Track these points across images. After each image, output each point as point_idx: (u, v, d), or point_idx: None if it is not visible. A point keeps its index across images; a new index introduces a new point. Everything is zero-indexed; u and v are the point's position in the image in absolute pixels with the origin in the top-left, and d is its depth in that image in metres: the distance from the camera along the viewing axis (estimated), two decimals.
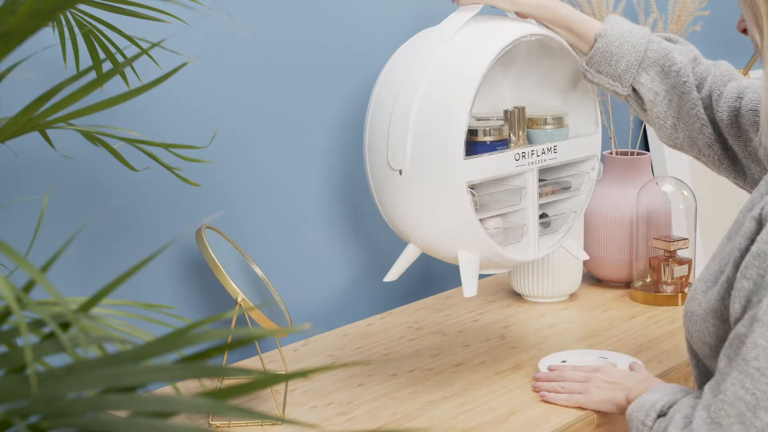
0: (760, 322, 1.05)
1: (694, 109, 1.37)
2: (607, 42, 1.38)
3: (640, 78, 1.38)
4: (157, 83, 0.83)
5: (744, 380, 1.07)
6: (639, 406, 1.21)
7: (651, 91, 1.38)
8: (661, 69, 1.38)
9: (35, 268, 0.58)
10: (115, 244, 1.42)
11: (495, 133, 1.41)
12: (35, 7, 0.70)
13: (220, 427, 1.29)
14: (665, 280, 1.79)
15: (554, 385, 1.37)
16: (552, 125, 1.49)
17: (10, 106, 1.21)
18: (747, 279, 1.08)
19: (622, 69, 1.38)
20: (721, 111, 1.36)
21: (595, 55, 1.39)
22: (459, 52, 1.35)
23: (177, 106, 1.47)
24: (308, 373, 0.57)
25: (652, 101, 1.38)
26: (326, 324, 1.70)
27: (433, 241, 1.38)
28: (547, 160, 1.45)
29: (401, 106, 1.34)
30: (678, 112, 1.38)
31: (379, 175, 1.38)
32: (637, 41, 1.38)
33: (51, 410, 0.57)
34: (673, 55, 1.38)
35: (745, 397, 1.06)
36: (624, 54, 1.37)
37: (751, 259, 1.07)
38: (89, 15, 1.16)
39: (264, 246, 1.60)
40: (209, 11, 1.41)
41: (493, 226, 1.42)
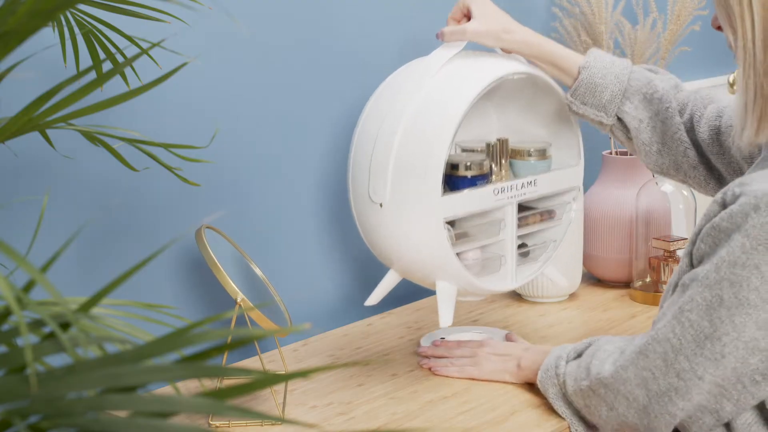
0: (699, 282, 1.15)
1: (678, 133, 1.42)
2: (590, 73, 1.43)
3: (624, 107, 1.43)
4: (157, 83, 0.83)
5: (675, 326, 1.17)
6: (546, 367, 1.33)
7: (635, 118, 1.43)
8: (644, 97, 1.43)
9: (35, 268, 0.58)
10: (115, 244, 1.42)
11: (476, 168, 1.44)
12: (35, 7, 0.70)
13: (219, 427, 1.29)
14: (665, 280, 1.79)
15: (444, 361, 1.47)
16: (535, 157, 1.52)
17: (10, 106, 1.21)
18: (704, 243, 1.16)
19: (606, 99, 1.43)
20: (702, 131, 1.41)
21: (580, 86, 1.44)
22: (443, 89, 1.38)
23: (177, 106, 1.47)
24: (308, 373, 0.57)
25: (637, 128, 1.43)
26: (326, 324, 1.70)
27: (413, 270, 1.43)
28: (527, 194, 1.48)
29: (384, 139, 1.37)
30: (662, 138, 1.43)
31: (361, 205, 1.41)
32: (619, 72, 1.44)
33: (51, 410, 0.57)
34: (655, 83, 1.43)
35: (672, 339, 1.17)
36: (608, 84, 1.43)
37: (709, 229, 1.15)
38: (89, 15, 1.16)
39: (264, 246, 1.60)
40: (209, 11, 1.41)
41: (471, 257, 1.46)
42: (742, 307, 1.12)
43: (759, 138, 1.20)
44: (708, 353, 1.15)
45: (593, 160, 2.10)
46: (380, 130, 1.38)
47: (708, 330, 1.14)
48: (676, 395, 1.18)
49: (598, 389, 1.24)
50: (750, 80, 1.19)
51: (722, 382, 1.16)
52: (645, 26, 1.91)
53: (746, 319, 1.12)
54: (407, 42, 1.79)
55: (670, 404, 1.18)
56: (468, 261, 1.45)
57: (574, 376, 1.28)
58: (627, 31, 1.92)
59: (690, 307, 1.16)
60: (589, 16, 1.90)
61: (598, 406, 1.24)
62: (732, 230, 1.13)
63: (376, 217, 1.38)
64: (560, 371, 1.30)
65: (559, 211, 1.56)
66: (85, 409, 0.57)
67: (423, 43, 1.78)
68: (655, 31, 1.92)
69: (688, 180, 1.46)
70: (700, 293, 1.15)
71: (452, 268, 1.38)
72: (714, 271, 1.14)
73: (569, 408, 1.30)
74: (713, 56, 2.47)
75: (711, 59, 2.46)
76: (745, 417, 1.18)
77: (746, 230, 1.11)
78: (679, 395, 1.17)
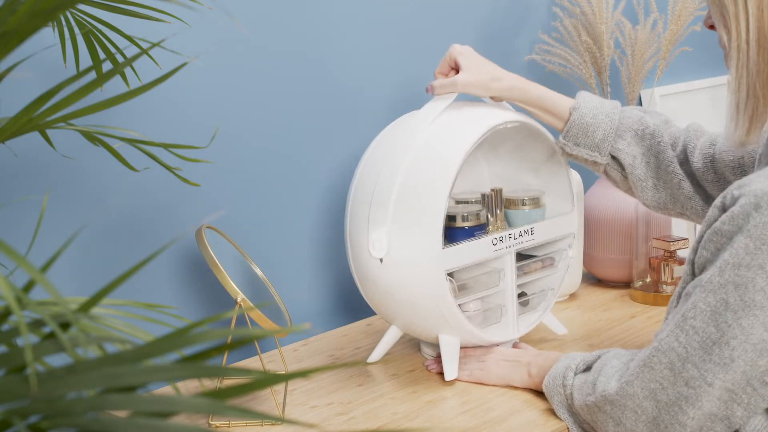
0: (703, 287, 1.13)
1: (671, 165, 1.44)
2: (581, 114, 1.45)
3: (617, 144, 1.45)
4: (157, 83, 0.83)
5: (679, 334, 1.15)
6: (553, 375, 1.32)
7: (629, 155, 1.45)
8: (635, 133, 1.45)
9: (35, 268, 0.58)
10: (115, 244, 1.42)
11: (473, 219, 1.46)
12: (35, 7, 0.70)
13: (220, 427, 1.29)
14: (665, 280, 1.79)
15: None
16: (529, 206, 1.54)
17: (10, 106, 1.21)
18: (706, 250, 1.15)
19: (599, 138, 1.45)
20: (696, 161, 1.42)
21: (572, 128, 1.46)
22: (437, 141, 1.40)
23: (177, 106, 1.47)
24: (308, 373, 0.57)
25: (632, 164, 1.45)
26: (326, 324, 1.70)
27: (415, 324, 1.44)
28: (525, 242, 1.50)
29: (380, 197, 1.38)
30: (656, 172, 1.45)
31: (359, 260, 1.42)
32: (610, 111, 1.45)
33: (51, 410, 0.57)
34: (645, 120, 1.45)
35: (677, 348, 1.15)
36: (599, 124, 1.45)
37: (711, 235, 1.14)
38: (89, 15, 1.16)
39: (264, 246, 1.60)
40: (209, 11, 1.41)
41: (473, 308, 1.48)
42: (748, 309, 1.11)
43: (749, 138, 1.21)
44: (716, 359, 1.13)
45: None
46: (376, 187, 1.39)
47: (715, 335, 1.13)
48: (686, 404, 1.16)
49: (604, 406, 1.22)
50: (743, 80, 1.19)
51: (732, 387, 1.14)
52: (646, 26, 1.91)
53: (753, 321, 1.11)
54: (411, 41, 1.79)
55: (681, 414, 1.16)
56: (469, 312, 1.47)
57: (580, 390, 1.27)
58: (628, 31, 1.92)
59: (694, 314, 1.14)
60: (590, 16, 1.90)
61: (605, 421, 1.23)
62: (734, 232, 1.11)
63: (376, 272, 1.40)
64: (567, 383, 1.29)
65: (556, 258, 1.58)
66: (85, 409, 0.57)
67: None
68: (655, 31, 1.92)
69: (685, 212, 1.46)
70: (704, 299, 1.13)
71: (455, 321, 1.40)
72: (718, 275, 1.12)
73: (572, 417, 1.29)
74: (714, 56, 2.47)
75: (711, 59, 2.46)
76: (754, 423, 1.16)
77: (748, 230, 1.10)
78: (689, 404, 1.15)
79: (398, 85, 1.78)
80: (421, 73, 1.81)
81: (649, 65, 1.95)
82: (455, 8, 1.86)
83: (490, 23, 1.92)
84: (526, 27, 1.99)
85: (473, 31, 1.89)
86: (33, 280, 0.61)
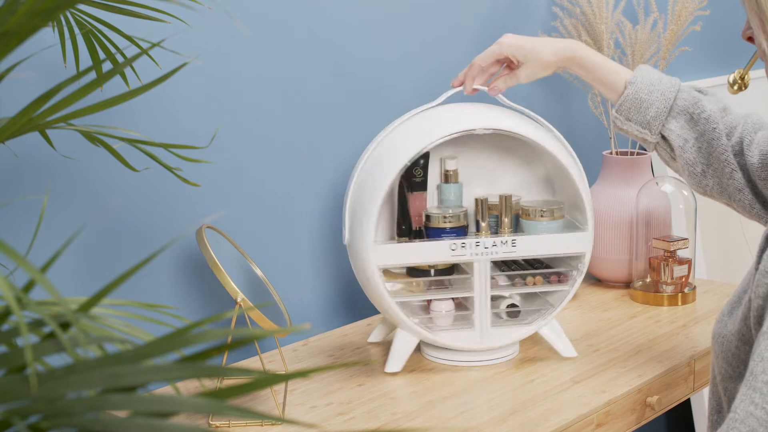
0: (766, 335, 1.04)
1: (724, 154, 1.36)
2: (636, 89, 1.39)
3: (669, 125, 1.38)
4: (157, 83, 0.83)
5: (753, 395, 1.04)
6: None
7: (680, 137, 1.38)
8: (690, 117, 1.38)
9: (35, 268, 0.58)
10: (115, 244, 1.42)
11: (452, 221, 1.48)
12: (35, 7, 0.70)
13: (220, 427, 1.29)
14: (665, 280, 1.79)
15: None
16: (546, 218, 1.51)
17: (10, 106, 1.21)
18: (758, 297, 1.08)
19: (651, 116, 1.38)
20: (752, 155, 1.34)
21: (625, 102, 1.39)
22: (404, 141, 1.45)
23: (177, 106, 1.47)
24: (308, 373, 0.57)
25: (682, 147, 1.38)
26: (326, 324, 1.70)
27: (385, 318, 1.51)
28: (501, 253, 1.47)
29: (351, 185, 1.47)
30: (708, 159, 1.38)
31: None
32: (666, 89, 1.39)
33: (51, 410, 0.57)
34: (702, 104, 1.38)
35: (755, 412, 1.04)
36: (653, 101, 1.38)
37: (760, 277, 1.08)
38: (89, 15, 1.16)
39: (264, 246, 1.60)
40: (209, 11, 1.41)
41: (444, 308, 1.50)
42: None
43: None
44: None
45: (593, 160, 2.10)
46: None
47: None
48: None
49: None
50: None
51: None
52: (646, 26, 1.91)
53: None
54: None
55: None
56: (438, 312, 1.50)
57: None
58: (628, 31, 1.92)
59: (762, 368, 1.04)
60: (590, 16, 1.90)
61: None
62: None
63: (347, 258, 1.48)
64: None
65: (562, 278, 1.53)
66: (85, 409, 0.57)
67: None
68: (655, 31, 1.92)
69: (732, 203, 1.39)
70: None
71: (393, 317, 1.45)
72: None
73: None
74: (714, 56, 2.47)
75: (711, 59, 2.46)
76: None
77: None
78: None
79: (398, 85, 1.78)
80: (419, 73, 1.81)
81: (649, 65, 1.95)
82: (455, 8, 1.86)
83: (491, 23, 1.92)
84: (526, 27, 1.99)
85: (473, 31, 1.89)
86: (33, 280, 0.61)
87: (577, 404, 1.35)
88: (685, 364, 1.52)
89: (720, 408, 1.24)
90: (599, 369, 1.48)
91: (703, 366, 1.56)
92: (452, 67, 1.77)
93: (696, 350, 1.56)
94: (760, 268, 1.08)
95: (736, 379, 1.18)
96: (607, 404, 1.37)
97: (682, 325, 1.68)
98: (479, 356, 1.49)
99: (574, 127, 2.11)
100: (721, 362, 1.21)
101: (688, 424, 2.39)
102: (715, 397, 1.25)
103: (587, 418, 1.33)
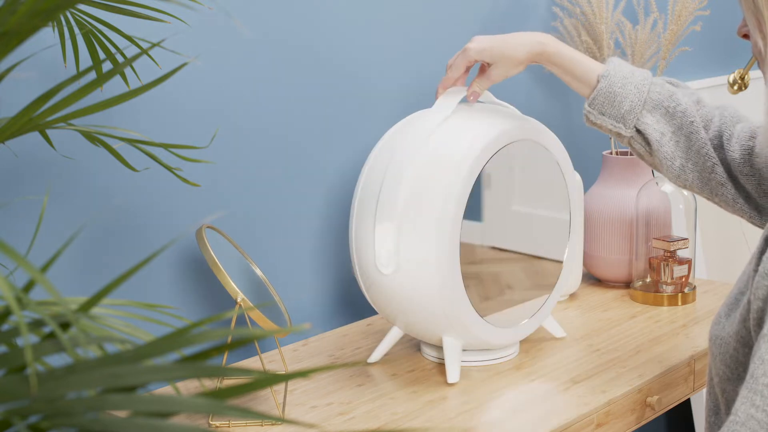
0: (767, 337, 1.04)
1: (704, 148, 1.35)
2: (610, 82, 1.37)
3: (644, 119, 1.37)
4: (157, 83, 0.83)
5: (754, 398, 1.04)
6: None
7: (657, 131, 1.36)
8: (665, 110, 1.36)
9: (35, 268, 0.58)
10: (115, 244, 1.42)
11: None
12: (35, 7, 0.70)
13: (220, 427, 1.29)
14: (665, 280, 1.79)
15: None
16: None
17: (10, 106, 1.21)
18: (758, 299, 1.07)
19: (625, 110, 1.37)
20: (733, 150, 1.34)
21: (599, 95, 1.38)
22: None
23: (177, 106, 1.47)
24: (308, 373, 0.57)
25: (659, 141, 1.36)
26: (326, 324, 1.70)
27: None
28: None
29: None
30: (686, 153, 1.36)
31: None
32: (639, 82, 1.37)
33: (51, 410, 0.57)
34: (677, 96, 1.37)
35: (756, 414, 1.03)
36: (627, 94, 1.36)
37: (760, 279, 1.07)
38: (89, 15, 1.16)
39: (264, 246, 1.60)
40: (209, 11, 1.41)
41: None
42: None
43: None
44: None
45: (593, 160, 2.10)
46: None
47: None
48: None
49: None
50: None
51: None
52: (646, 26, 1.91)
53: None
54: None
55: None
56: None
57: None
58: (628, 31, 1.92)
59: (763, 371, 1.03)
60: (590, 16, 1.90)
61: None
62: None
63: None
64: None
65: None
66: (85, 409, 0.57)
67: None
68: (655, 31, 1.92)
69: (714, 198, 1.38)
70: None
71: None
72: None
73: None
74: (714, 56, 2.47)
75: (711, 59, 2.46)
76: None
77: None
78: None
79: (398, 85, 1.78)
80: (417, 74, 1.81)
81: (649, 65, 1.95)
82: (455, 8, 1.86)
83: (490, 23, 1.92)
84: (526, 27, 1.99)
85: (473, 31, 1.89)
86: (33, 280, 0.61)
87: (577, 404, 1.35)
88: (685, 364, 1.52)
89: (717, 409, 1.23)
90: (599, 369, 1.48)
91: (703, 366, 1.56)
92: None
93: (696, 350, 1.56)
94: (760, 270, 1.07)
95: (734, 381, 1.18)
96: (607, 404, 1.37)
97: (682, 325, 1.68)
98: (479, 356, 1.49)
99: (574, 127, 2.11)
100: (718, 364, 1.20)
101: (688, 424, 2.39)
102: (713, 399, 1.24)
103: (587, 418, 1.33)
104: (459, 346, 1.43)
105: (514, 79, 1.85)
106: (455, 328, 1.41)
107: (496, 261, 1.54)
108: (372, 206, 1.40)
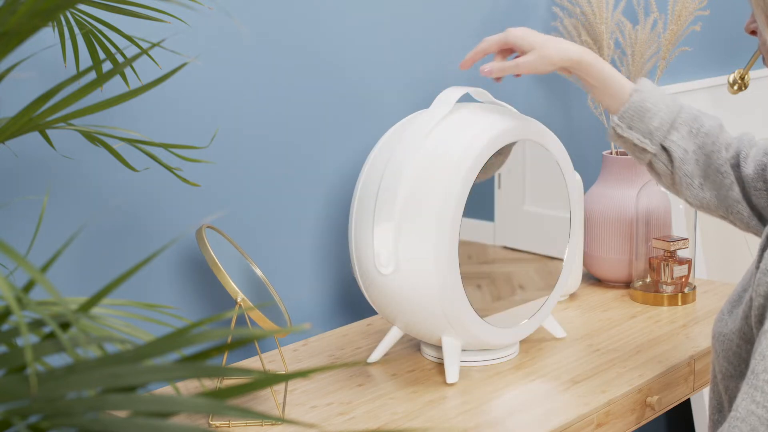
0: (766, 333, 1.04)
1: (723, 167, 1.36)
2: (643, 97, 1.37)
3: (671, 136, 1.37)
4: (157, 83, 0.83)
5: (754, 394, 1.04)
6: None
7: (681, 148, 1.37)
8: (690, 130, 1.37)
9: (35, 268, 0.58)
10: (115, 244, 1.42)
11: None
12: (35, 7, 0.70)
13: (220, 427, 1.29)
14: (665, 280, 1.79)
15: None
16: None
17: (10, 106, 1.21)
18: (759, 296, 1.07)
19: (655, 126, 1.37)
20: (747, 167, 1.35)
21: (630, 109, 1.38)
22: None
23: (177, 106, 1.47)
24: (308, 373, 0.57)
25: (682, 159, 1.37)
26: (326, 324, 1.70)
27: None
28: None
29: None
30: (705, 172, 1.37)
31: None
32: (670, 102, 1.38)
33: (51, 410, 0.57)
34: (701, 119, 1.38)
35: (756, 411, 1.03)
36: (658, 111, 1.37)
37: (761, 276, 1.07)
38: (89, 15, 1.16)
39: (264, 246, 1.60)
40: (209, 11, 1.41)
41: None
42: None
43: None
44: None
45: (593, 160, 2.10)
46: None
47: None
48: None
49: None
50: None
51: None
52: (645, 26, 1.91)
53: None
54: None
55: None
56: None
57: None
58: (628, 31, 1.92)
59: (764, 367, 1.04)
60: (590, 16, 1.90)
61: None
62: None
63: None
64: None
65: None
66: (85, 409, 0.57)
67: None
68: (655, 31, 1.92)
69: (729, 216, 1.39)
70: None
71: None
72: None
73: None
74: (714, 56, 2.47)
75: (711, 59, 2.46)
76: None
77: None
78: None
79: (398, 86, 1.78)
80: (416, 75, 1.81)
81: (649, 65, 1.95)
82: (455, 8, 1.86)
83: (490, 23, 1.92)
84: (526, 27, 1.99)
85: (473, 30, 1.89)
86: (33, 280, 0.61)
87: (577, 404, 1.35)
88: (685, 364, 1.52)
89: (721, 407, 1.24)
90: (599, 369, 1.48)
91: (703, 366, 1.56)
92: (453, 68, 1.77)
93: (696, 350, 1.56)
94: (761, 267, 1.07)
95: (737, 378, 1.18)
96: (607, 404, 1.37)
97: (682, 325, 1.68)
98: (479, 356, 1.49)
99: (574, 127, 2.11)
100: (721, 361, 1.20)
101: (688, 424, 2.39)
102: (716, 396, 1.24)
103: (587, 418, 1.33)
104: (458, 346, 1.43)
105: (514, 79, 1.85)
106: (454, 328, 1.41)
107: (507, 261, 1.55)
108: (371, 206, 1.40)
